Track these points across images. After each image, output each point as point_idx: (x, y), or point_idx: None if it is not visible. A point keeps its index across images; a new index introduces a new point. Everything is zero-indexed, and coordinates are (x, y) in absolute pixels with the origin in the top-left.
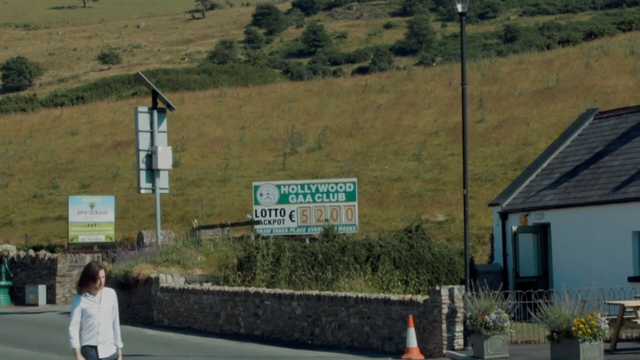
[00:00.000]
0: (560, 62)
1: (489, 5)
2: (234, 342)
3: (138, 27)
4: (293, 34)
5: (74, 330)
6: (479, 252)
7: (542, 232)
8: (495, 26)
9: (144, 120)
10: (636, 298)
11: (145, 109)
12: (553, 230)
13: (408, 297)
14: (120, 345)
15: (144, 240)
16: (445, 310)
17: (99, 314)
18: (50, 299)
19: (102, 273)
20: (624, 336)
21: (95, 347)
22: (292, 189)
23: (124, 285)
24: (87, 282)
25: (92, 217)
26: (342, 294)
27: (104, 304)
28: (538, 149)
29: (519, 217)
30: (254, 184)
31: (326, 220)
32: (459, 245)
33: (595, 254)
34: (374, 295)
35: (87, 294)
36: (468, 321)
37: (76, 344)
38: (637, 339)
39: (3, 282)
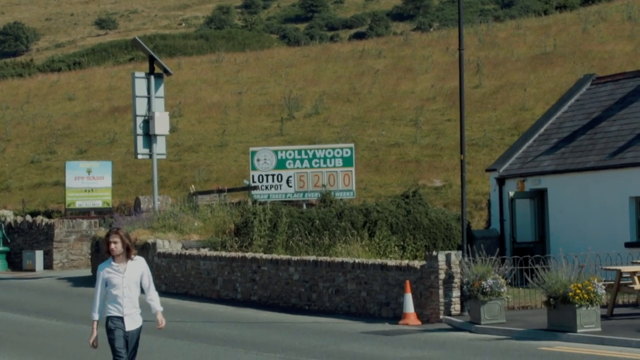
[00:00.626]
0: (557, 27)
1: None
2: (231, 308)
3: None
4: None
5: (95, 301)
6: (476, 218)
7: (539, 197)
8: None
9: (141, 86)
10: (633, 263)
11: (143, 74)
12: (550, 195)
13: (405, 262)
14: (160, 308)
15: (141, 206)
16: (442, 276)
17: (123, 284)
18: (48, 265)
19: (112, 238)
20: (620, 302)
21: (121, 319)
22: (290, 154)
23: None
24: (104, 247)
25: (89, 182)
26: (339, 259)
27: (128, 273)
28: (535, 114)
29: (516, 182)
30: (251, 149)
31: (323, 185)
32: (456, 211)
33: (592, 220)
34: (371, 261)
35: (112, 262)
36: (465, 287)
37: (95, 317)
38: (633, 305)
39: (0, 248)
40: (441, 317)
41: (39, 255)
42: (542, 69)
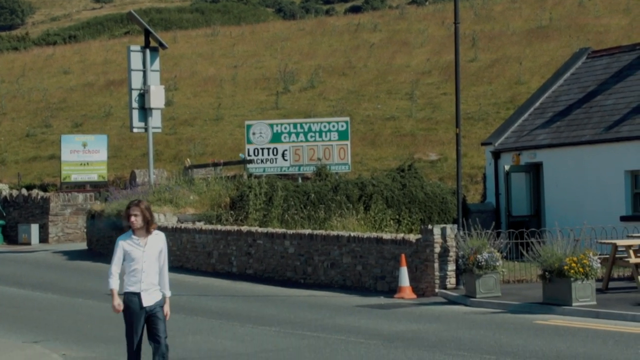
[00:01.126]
0: (553, 1)
1: None
2: (227, 281)
3: None
4: None
5: (113, 269)
6: (472, 192)
7: (535, 171)
8: None
9: (136, 59)
10: (628, 237)
11: (138, 47)
12: (545, 169)
13: (400, 236)
14: (168, 293)
15: (137, 179)
16: (437, 250)
17: (143, 258)
18: (43, 238)
19: (133, 210)
20: (615, 275)
21: (138, 294)
22: (285, 128)
23: (117, 225)
24: (125, 220)
25: (84, 156)
26: (335, 233)
27: (149, 248)
28: (531, 88)
29: (512, 156)
30: (247, 122)
31: (319, 159)
32: (452, 185)
33: (587, 194)
34: (366, 235)
35: (133, 235)
36: (460, 260)
37: (114, 285)
38: (629, 278)
39: None
40: (436, 290)
41: (35, 228)
42: (537, 43)
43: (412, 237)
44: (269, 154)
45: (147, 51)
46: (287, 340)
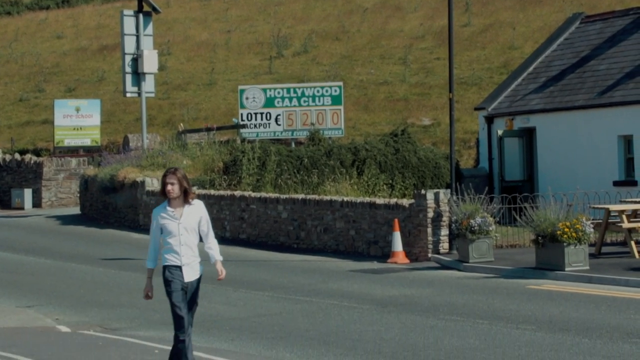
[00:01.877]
0: None
1: None
2: (220, 246)
3: None
4: None
5: (151, 247)
6: (465, 156)
7: (528, 136)
8: None
9: (129, 24)
10: (621, 202)
11: (131, 12)
12: (539, 134)
13: (393, 201)
14: (220, 257)
15: (130, 144)
16: (430, 214)
17: (179, 231)
18: (36, 203)
19: (169, 179)
20: (608, 240)
21: (179, 268)
22: (278, 92)
23: (110, 189)
24: (161, 189)
25: (77, 120)
26: (328, 197)
27: (185, 219)
28: (524, 53)
29: (505, 121)
30: (240, 87)
31: (312, 124)
32: (445, 149)
33: (580, 158)
34: (359, 199)
35: (167, 207)
36: (453, 225)
37: (150, 264)
38: (621, 243)
39: None
40: (429, 255)
41: (28, 193)
42: (531, 8)
43: (405, 202)
44: (262, 119)
45: (140, 16)
46: (280, 305)
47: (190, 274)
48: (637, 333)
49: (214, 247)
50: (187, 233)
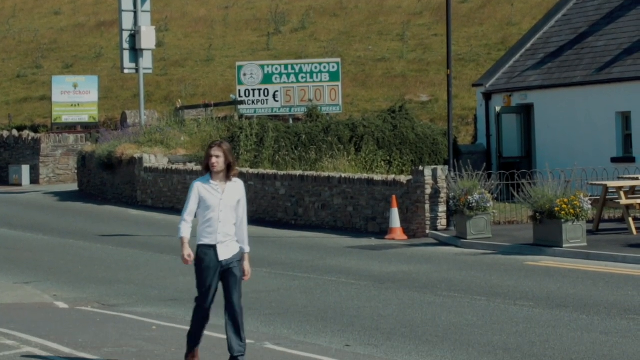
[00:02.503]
0: None
1: None
2: None
3: None
4: None
5: (185, 215)
6: (463, 133)
7: (526, 112)
8: None
9: (127, 0)
10: (619, 179)
11: None
12: (537, 110)
13: (391, 177)
14: (248, 249)
15: (128, 121)
16: (428, 191)
17: (220, 206)
18: (34, 179)
19: (214, 151)
20: (606, 217)
21: (214, 247)
22: (276, 69)
23: (108, 166)
24: (205, 162)
25: (75, 97)
26: (326, 174)
27: (227, 195)
28: (522, 29)
29: (503, 97)
30: (238, 64)
31: (310, 100)
32: (443, 126)
33: (578, 135)
34: (357, 176)
35: (210, 179)
36: (451, 202)
37: (184, 232)
38: (619, 220)
39: None
40: (427, 231)
41: (26, 169)
42: None
43: (403, 178)
44: (260, 95)
45: None
46: (278, 281)
47: (226, 253)
48: (634, 309)
49: (244, 236)
50: (227, 210)
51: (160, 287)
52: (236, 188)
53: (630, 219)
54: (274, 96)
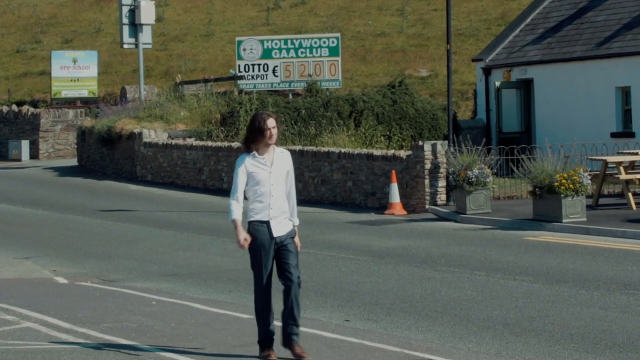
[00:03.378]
0: None
1: None
2: (217, 197)
3: None
4: None
5: (237, 196)
6: (462, 108)
7: (525, 87)
8: None
9: None
10: (619, 154)
11: None
12: (536, 85)
13: (391, 152)
14: (297, 222)
15: (127, 96)
16: (428, 166)
17: (270, 180)
18: (34, 154)
19: (271, 122)
20: (606, 192)
21: (267, 223)
22: (276, 44)
23: (107, 141)
24: (254, 136)
25: (75, 72)
26: (325, 149)
27: (276, 167)
28: (522, 4)
29: (502, 72)
30: (237, 39)
31: (309, 75)
32: (442, 101)
33: (578, 110)
34: (357, 151)
35: (255, 154)
36: (451, 177)
37: (236, 214)
38: (619, 195)
39: None
40: (427, 207)
41: (25, 145)
42: None
43: (403, 153)
44: (259, 70)
45: None
46: None
47: (280, 229)
48: (634, 284)
49: (293, 209)
50: (278, 183)
51: (160, 262)
52: (284, 159)
53: (630, 194)
54: (274, 71)
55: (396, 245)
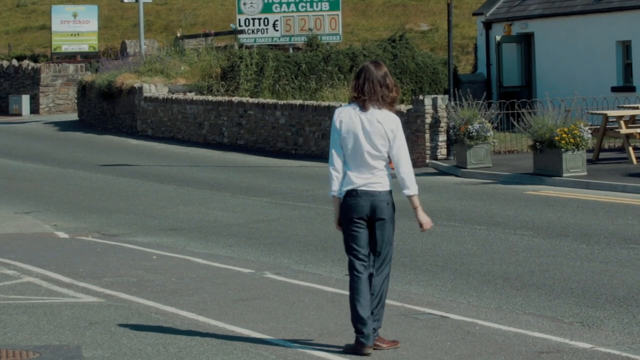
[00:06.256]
0: None
1: None
2: (218, 152)
3: None
4: None
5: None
6: (463, 62)
7: (526, 41)
8: None
9: None
10: (619, 108)
11: None
12: (537, 40)
13: None
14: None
15: (128, 50)
16: (428, 120)
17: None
18: (34, 109)
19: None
20: (606, 146)
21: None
22: None
23: (108, 95)
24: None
25: (75, 26)
26: (326, 103)
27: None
28: None
29: (503, 26)
30: None
31: (310, 29)
32: (443, 55)
33: (579, 64)
34: None
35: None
36: (451, 131)
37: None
38: (619, 149)
39: None
40: (427, 161)
41: (26, 99)
42: None
43: (403, 107)
44: (260, 25)
45: None
46: (278, 211)
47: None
48: (634, 239)
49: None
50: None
51: (161, 216)
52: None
53: (630, 148)
54: (274, 25)
55: (396, 199)
